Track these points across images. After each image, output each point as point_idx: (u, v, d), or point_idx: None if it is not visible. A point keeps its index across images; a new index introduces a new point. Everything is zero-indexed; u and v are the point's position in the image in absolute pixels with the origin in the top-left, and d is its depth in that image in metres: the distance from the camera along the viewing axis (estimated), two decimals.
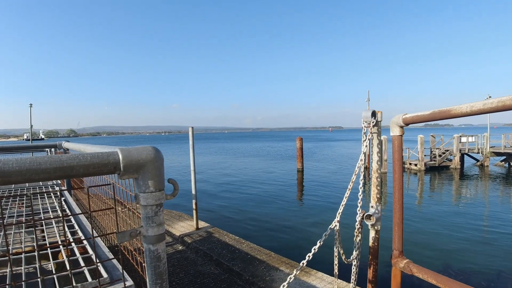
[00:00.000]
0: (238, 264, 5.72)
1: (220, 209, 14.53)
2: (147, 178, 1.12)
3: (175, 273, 5.56)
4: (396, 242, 2.29)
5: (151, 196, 1.13)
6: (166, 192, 1.20)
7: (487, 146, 27.79)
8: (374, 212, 2.39)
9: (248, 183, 21.46)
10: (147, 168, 1.11)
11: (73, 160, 1.03)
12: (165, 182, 1.20)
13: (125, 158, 1.08)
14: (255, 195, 17.43)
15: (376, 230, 2.43)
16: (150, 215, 1.15)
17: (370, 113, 2.24)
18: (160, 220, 1.17)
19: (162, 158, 1.17)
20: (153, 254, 1.17)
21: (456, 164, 27.33)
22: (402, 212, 2.27)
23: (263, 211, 14.00)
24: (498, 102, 1.54)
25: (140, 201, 1.13)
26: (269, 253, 6.20)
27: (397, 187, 2.25)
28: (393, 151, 2.25)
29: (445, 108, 1.84)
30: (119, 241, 1.15)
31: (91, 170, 1.06)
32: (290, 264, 5.64)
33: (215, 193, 18.32)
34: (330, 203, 15.13)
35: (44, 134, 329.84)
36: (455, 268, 7.89)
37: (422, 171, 26.00)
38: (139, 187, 1.14)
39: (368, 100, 34.64)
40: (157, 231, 1.16)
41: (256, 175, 25.59)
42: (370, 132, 2.29)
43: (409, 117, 2.09)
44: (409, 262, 2.22)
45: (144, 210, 1.15)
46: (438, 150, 28.01)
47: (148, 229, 1.16)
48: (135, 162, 1.09)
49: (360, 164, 2.27)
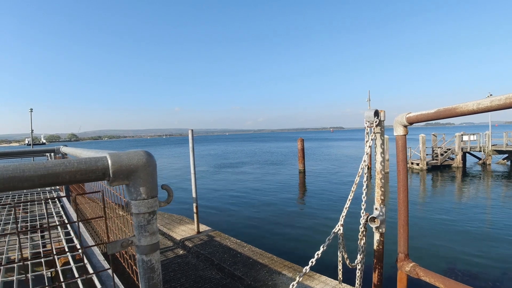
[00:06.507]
0: (240, 268, 5.63)
1: (222, 212, 14.40)
2: (138, 185, 1.06)
3: (176, 278, 5.47)
4: (402, 245, 2.22)
5: (143, 204, 1.06)
6: (160, 199, 1.14)
7: (489, 144, 27.64)
8: (378, 214, 2.32)
9: (250, 185, 21.29)
10: (138, 174, 1.05)
11: (59, 167, 0.97)
12: (159, 188, 1.14)
13: (114, 163, 1.01)
14: (257, 198, 17.27)
15: (380, 232, 2.37)
16: (142, 223, 1.08)
17: (373, 113, 2.17)
18: (154, 228, 1.10)
19: (155, 163, 1.10)
20: (147, 265, 1.10)
21: (458, 163, 27.19)
22: (407, 214, 2.20)
23: (265, 213, 13.86)
24: (506, 99, 1.47)
25: (132, 209, 1.07)
26: (271, 257, 6.10)
27: (402, 188, 2.18)
28: (397, 151, 2.18)
29: (451, 106, 1.77)
30: (109, 251, 1.09)
31: (78, 177, 1.00)
32: (293, 268, 5.54)
33: (216, 196, 18.17)
34: (333, 204, 15.00)
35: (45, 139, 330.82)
36: (463, 270, 7.71)
37: (424, 170, 25.87)
38: (130, 194, 1.07)
39: (368, 100, 34.56)
40: (150, 241, 1.10)
41: (258, 177, 25.44)
42: (373, 132, 2.22)
43: (413, 116, 2.02)
44: (415, 266, 2.15)
45: (136, 218, 1.09)
46: (440, 149, 27.87)
47: (140, 239, 1.09)
48: (125, 168, 1.03)
49: (364, 166, 2.20)
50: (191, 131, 7.29)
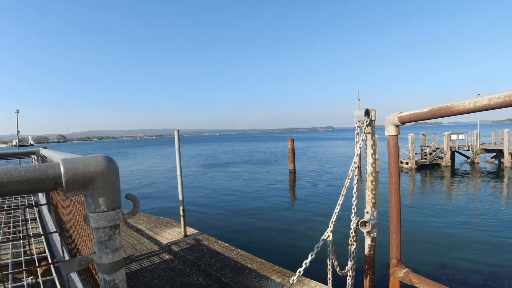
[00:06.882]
0: (228, 274, 5.45)
1: (210, 215, 14.11)
2: (97, 195, 0.92)
3: (161, 285, 5.25)
4: (394, 250, 2.12)
5: (103, 217, 0.93)
6: (126, 209, 1.00)
7: (477, 143, 27.99)
8: (369, 218, 2.22)
9: (239, 187, 21.03)
10: (96, 183, 0.91)
11: (3, 176, 0.83)
12: (124, 198, 1.00)
13: (68, 171, 0.87)
14: (246, 199, 17.04)
15: (372, 237, 2.26)
16: (103, 239, 0.95)
17: (363, 112, 2.06)
18: (116, 244, 0.96)
19: (117, 169, 0.96)
20: (109, 285, 0.97)
21: (447, 162, 27.47)
22: (400, 218, 2.10)
23: (254, 215, 13.63)
24: (505, 97, 1.37)
25: (90, 223, 0.93)
26: (260, 261, 5.94)
27: (394, 191, 2.08)
28: (389, 152, 2.08)
29: (446, 104, 1.67)
30: (66, 271, 0.95)
31: (26, 187, 0.86)
32: (282, 273, 5.38)
33: (204, 197, 17.87)
34: (323, 205, 14.87)
35: (33, 140, 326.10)
36: (456, 275, 7.52)
37: (414, 169, 26.04)
38: (89, 205, 0.93)
39: (358, 100, 34.75)
40: (113, 258, 0.96)
41: (247, 177, 25.20)
42: (364, 132, 2.11)
43: (406, 115, 1.92)
44: (408, 272, 2.05)
45: (96, 233, 0.95)
46: (428, 148, 28.11)
47: (101, 256, 0.95)
48: (81, 176, 0.89)
49: (354, 168, 2.08)
50: (177, 132, 7.12)
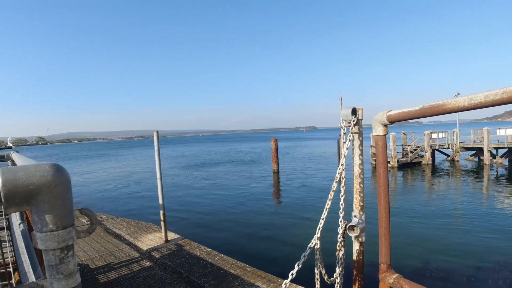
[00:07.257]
0: (210, 281, 5.25)
1: (192, 218, 13.77)
2: (43, 212, 0.76)
3: None
4: (383, 255, 2.03)
5: (52, 237, 0.77)
6: (82, 226, 0.86)
7: (457, 142, 28.64)
8: (357, 222, 2.11)
9: (222, 188, 20.68)
10: (41, 197, 0.75)
11: None
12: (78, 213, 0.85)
13: (6, 183, 0.72)
14: (229, 201, 16.74)
15: (360, 242, 2.16)
16: (53, 263, 0.79)
17: (350, 111, 1.96)
18: (70, 269, 0.81)
19: (68, 180, 0.80)
20: None
21: (428, 160, 28.01)
22: (389, 221, 2.01)
23: (237, 218, 13.37)
24: (503, 94, 1.29)
25: (38, 244, 0.77)
26: (244, 267, 5.76)
27: (383, 193, 1.98)
28: (377, 153, 1.99)
29: (438, 102, 1.58)
30: None
31: None
32: (266, 278, 5.23)
33: (186, 200, 17.47)
34: (308, 206, 14.68)
35: (12, 142, 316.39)
36: (452, 279, 7.40)
37: (395, 168, 26.42)
38: (35, 224, 0.77)
39: (340, 100, 34.99)
40: (66, 285, 0.80)
41: (230, 178, 24.86)
42: (351, 132, 2.01)
43: (395, 114, 1.83)
44: (399, 277, 1.96)
45: (45, 256, 0.79)
46: (409, 147, 28.60)
47: (52, 282, 0.80)
48: (22, 189, 0.73)
49: (341, 170, 1.97)
50: (156, 133, 6.89)
